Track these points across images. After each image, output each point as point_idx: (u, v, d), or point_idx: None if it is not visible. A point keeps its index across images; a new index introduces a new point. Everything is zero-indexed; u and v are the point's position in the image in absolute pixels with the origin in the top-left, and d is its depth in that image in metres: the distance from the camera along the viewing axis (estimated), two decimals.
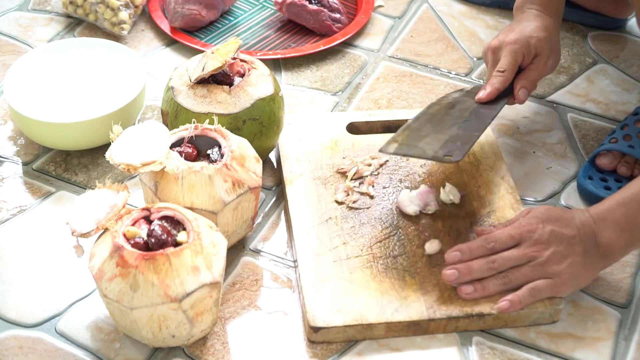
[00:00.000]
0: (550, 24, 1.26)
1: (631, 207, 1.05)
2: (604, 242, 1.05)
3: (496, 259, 1.05)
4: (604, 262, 1.07)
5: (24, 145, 1.30)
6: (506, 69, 1.21)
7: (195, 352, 1.04)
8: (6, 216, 1.19)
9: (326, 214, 1.16)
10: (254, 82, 1.18)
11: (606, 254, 1.06)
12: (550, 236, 1.05)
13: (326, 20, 1.49)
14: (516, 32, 1.23)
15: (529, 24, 1.25)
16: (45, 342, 1.05)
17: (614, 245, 1.05)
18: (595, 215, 1.06)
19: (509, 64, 1.21)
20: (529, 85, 1.23)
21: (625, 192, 1.07)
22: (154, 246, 0.98)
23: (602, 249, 1.05)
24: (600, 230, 1.05)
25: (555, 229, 1.06)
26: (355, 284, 1.07)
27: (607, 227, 1.05)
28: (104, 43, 1.35)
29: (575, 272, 1.05)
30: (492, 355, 1.04)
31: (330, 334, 1.04)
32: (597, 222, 1.06)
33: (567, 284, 1.05)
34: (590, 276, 1.07)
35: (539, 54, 1.23)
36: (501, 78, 1.21)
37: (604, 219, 1.06)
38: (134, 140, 1.06)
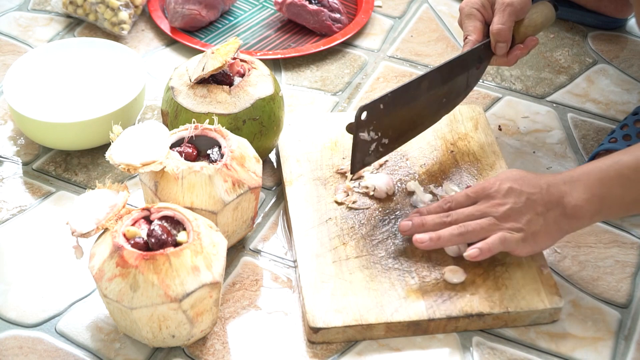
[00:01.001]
0: None
1: (608, 174, 1.03)
2: (572, 202, 1.03)
3: (450, 214, 1.06)
4: (570, 223, 1.04)
5: (24, 145, 1.30)
6: (468, 33, 1.20)
7: (195, 352, 1.04)
8: (6, 216, 1.19)
9: (326, 214, 1.16)
10: (254, 82, 1.18)
11: (572, 215, 1.03)
12: (507, 192, 1.04)
13: (326, 20, 1.49)
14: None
15: None
16: (45, 342, 1.05)
17: (582, 207, 1.03)
18: (568, 176, 1.05)
19: (468, 26, 1.21)
20: (498, 36, 1.19)
21: (605, 160, 1.05)
22: (154, 246, 0.98)
23: (569, 209, 1.03)
24: (570, 190, 1.03)
25: (514, 186, 1.04)
26: (355, 284, 1.07)
27: (578, 188, 1.03)
28: (104, 43, 1.36)
29: (535, 229, 1.04)
30: (492, 355, 1.04)
31: (330, 335, 1.04)
32: (567, 183, 1.04)
33: (527, 241, 1.04)
34: (552, 236, 1.05)
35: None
36: (468, 44, 1.19)
37: (577, 180, 1.04)
38: (134, 140, 1.06)
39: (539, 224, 1.04)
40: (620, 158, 1.04)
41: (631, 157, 1.04)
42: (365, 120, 1.10)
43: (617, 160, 1.04)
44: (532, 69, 1.45)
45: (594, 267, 1.14)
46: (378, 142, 1.14)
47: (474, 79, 1.23)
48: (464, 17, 1.22)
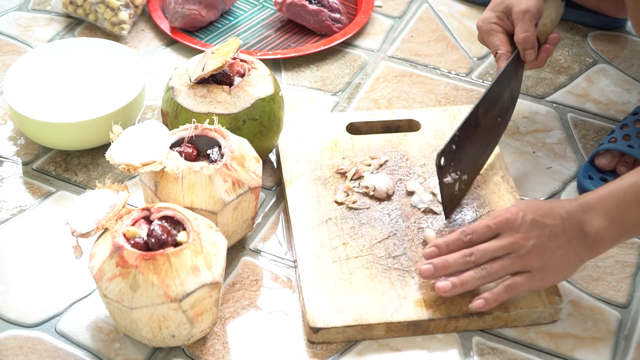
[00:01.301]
0: None
1: (625, 199, 1.01)
2: (592, 231, 1.01)
3: (473, 252, 1.02)
4: (590, 253, 1.03)
5: (24, 145, 1.30)
6: (497, 48, 1.22)
7: (195, 352, 1.04)
8: (6, 216, 1.19)
9: (326, 214, 1.16)
10: (254, 82, 1.18)
11: (593, 245, 1.02)
12: (531, 225, 1.01)
13: (326, 20, 1.49)
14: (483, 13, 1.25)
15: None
16: (45, 342, 1.05)
17: (603, 235, 1.01)
18: (585, 204, 1.02)
19: (496, 41, 1.22)
20: (525, 44, 1.20)
21: (620, 183, 1.03)
22: (154, 246, 0.98)
23: (590, 238, 1.02)
24: (589, 219, 1.01)
25: (537, 218, 1.02)
26: (355, 284, 1.07)
27: (597, 216, 1.01)
28: (104, 43, 1.35)
29: (557, 264, 1.02)
30: (492, 355, 1.04)
31: (330, 335, 1.04)
32: (586, 211, 1.02)
33: (546, 278, 1.02)
34: (574, 268, 1.03)
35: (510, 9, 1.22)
36: (501, 57, 1.21)
37: (594, 208, 1.02)
38: (134, 140, 1.06)
39: (559, 258, 1.02)
40: (637, 180, 1.02)
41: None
42: (444, 165, 1.10)
43: (633, 183, 1.02)
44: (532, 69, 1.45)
45: (594, 267, 1.14)
46: (459, 180, 1.14)
47: (516, 89, 1.24)
48: (485, 35, 1.23)
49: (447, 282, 1.02)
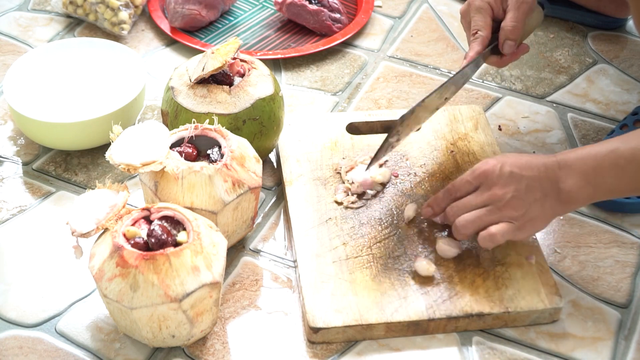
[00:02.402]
0: None
1: (602, 163, 1.03)
2: (566, 188, 1.03)
3: (452, 207, 1.07)
4: (564, 208, 1.06)
5: (24, 145, 1.30)
6: (478, 28, 1.19)
7: (195, 352, 1.04)
8: (6, 216, 1.19)
9: (326, 214, 1.16)
10: (254, 82, 1.18)
11: (567, 201, 1.04)
12: (508, 178, 1.04)
13: (326, 20, 1.49)
14: None
15: None
16: (45, 342, 1.05)
17: (577, 194, 1.04)
18: (563, 161, 1.04)
19: (479, 21, 1.19)
20: (511, 34, 1.19)
21: (599, 147, 1.04)
22: (154, 246, 0.98)
23: (564, 195, 1.04)
24: (565, 176, 1.03)
25: (515, 170, 1.04)
26: (355, 284, 1.07)
27: (572, 175, 1.03)
28: (104, 43, 1.36)
29: (534, 215, 1.04)
30: (492, 355, 1.04)
31: (330, 335, 1.04)
32: (562, 168, 1.04)
33: (524, 229, 1.04)
34: (547, 221, 1.06)
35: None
36: (477, 40, 1.19)
37: (571, 167, 1.04)
38: (134, 140, 1.06)
39: (536, 210, 1.04)
40: (617, 147, 1.03)
41: (627, 147, 1.03)
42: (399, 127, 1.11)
43: (613, 149, 1.03)
44: (532, 69, 1.45)
45: (594, 267, 1.14)
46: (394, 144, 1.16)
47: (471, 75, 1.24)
48: (474, 11, 1.20)
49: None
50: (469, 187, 1.07)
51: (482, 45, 1.19)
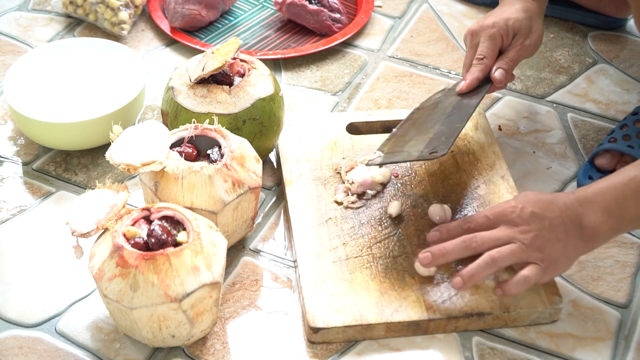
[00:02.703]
0: (532, 6, 1.24)
1: (622, 193, 1.01)
2: (589, 225, 1.01)
3: (475, 236, 1.02)
4: (588, 246, 1.03)
5: (24, 145, 1.30)
6: (485, 55, 1.20)
7: (195, 352, 1.04)
8: (6, 216, 1.19)
9: (326, 214, 1.16)
10: (254, 82, 1.18)
11: (591, 238, 1.02)
12: (530, 218, 1.01)
13: (326, 20, 1.49)
14: (494, 16, 1.23)
15: (508, 7, 1.24)
16: (45, 342, 1.05)
17: (600, 229, 1.01)
18: (582, 197, 1.02)
19: (487, 49, 1.20)
20: (505, 65, 1.21)
21: (617, 177, 1.03)
22: (154, 246, 0.98)
23: (587, 232, 1.02)
24: (586, 212, 1.01)
25: (536, 210, 1.02)
26: (355, 284, 1.07)
27: (594, 210, 1.01)
28: (104, 43, 1.36)
29: (556, 256, 1.02)
30: (492, 355, 1.04)
31: (330, 335, 1.04)
32: (583, 205, 1.02)
33: (549, 270, 1.02)
34: (572, 260, 1.03)
35: (517, 34, 1.22)
36: (480, 66, 1.20)
37: (592, 202, 1.02)
38: (134, 140, 1.06)
39: (559, 251, 1.02)
40: (636, 174, 1.01)
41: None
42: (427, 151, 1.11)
43: (632, 178, 1.01)
44: (532, 69, 1.45)
45: (594, 267, 1.14)
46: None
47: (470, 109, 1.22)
48: (486, 37, 1.21)
49: (459, 279, 1.02)
50: (487, 223, 1.03)
51: (484, 73, 1.20)
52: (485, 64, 1.20)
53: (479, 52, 1.21)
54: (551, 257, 1.02)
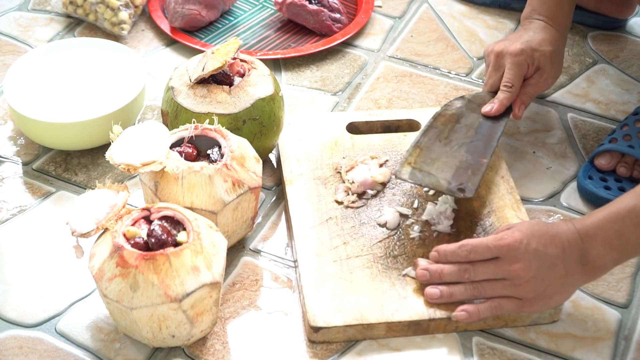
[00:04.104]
0: (557, 37, 1.25)
1: (624, 225, 1.00)
2: (591, 259, 1.01)
3: (468, 269, 1.02)
4: (587, 279, 1.03)
5: (24, 145, 1.30)
6: (514, 84, 1.21)
7: (195, 352, 1.04)
8: (6, 216, 1.19)
9: (326, 213, 1.16)
10: (254, 82, 1.18)
11: (592, 272, 1.02)
12: (533, 255, 1.00)
13: (326, 20, 1.49)
14: (522, 42, 1.23)
15: (535, 35, 1.24)
16: (45, 342, 1.05)
17: (602, 262, 1.01)
18: (583, 231, 1.01)
19: (516, 77, 1.21)
20: (527, 101, 1.23)
21: (616, 207, 1.02)
22: (154, 246, 0.98)
23: (589, 266, 1.01)
24: (589, 247, 1.01)
25: (539, 248, 1.00)
26: (355, 283, 1.07)
27: (596, 244, 1.00)
28: (104, 43, 1.35)
29: (551, 293, 1.02)
30: (492, 355, 1.04)
31: (331, 334, 1.04)
32: (585, 240, 1.01)
33: (536, 305, 1.02)
34: (565, 297, 1.03)
35: (540, 68, 1.23)
36: (508, 94, 1.21)
37: (593, 236, 1.01)
38: (134, 140, 1.06)
39: (556, 287, 1.02)
40: (635, 204, 1.00)
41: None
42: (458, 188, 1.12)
43: (632, 208, 1.00)
44: None
45: None
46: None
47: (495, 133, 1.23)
48: (512, 64, 1.21)
49: (437, 290, 1.04)
50: (488, 254, 1.02)
51: (511, 101, 1.22)
52: (513, 93, 1.22)
53: (508, 79, 1.22)
54: (545, 294, 1.02)
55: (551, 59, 1.24)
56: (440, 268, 1.04)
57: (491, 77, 1.24)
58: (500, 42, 1.25)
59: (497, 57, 1.24)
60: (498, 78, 1.24)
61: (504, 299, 1.02)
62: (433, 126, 1.20)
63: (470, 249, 1.03)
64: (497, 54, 1.24)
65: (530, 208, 1.21)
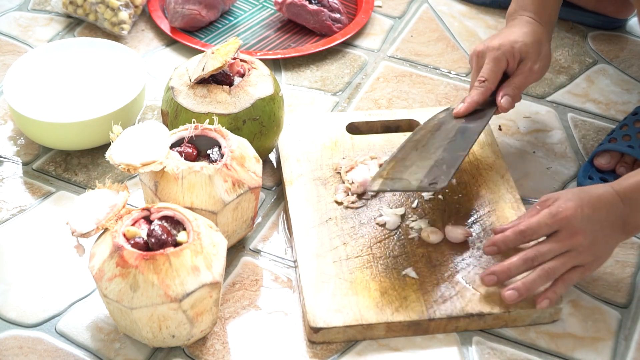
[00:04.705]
0: (540, 30, 1.23)
1: None
2: (632, 222, 1.04)
3: (535, 256, 1.03)
4: (625, 237, 1.07)
5: (24, 145, 1.30)
6: (487, 77, 1.18)
7: (195, 352, 1.04)
8: (6, 216, 1.19)
9: (326, 214, 1.16)
10: (254, 82, 1.18)
11: (631, 230, 1.05)
12: (587, 221, 1.03)
13: (326, 20, 1.49)
14: (501, 37, 1.21)
15: (516, 29, 1.22)
16: (45, 342, 1.05)
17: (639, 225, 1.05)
18: (622, 193, 1.04)
19: (490, 71, 1.18)
20: (512, 92, 1.19)
21: None
22: (154, 246, 0.98)
23: (629, 227, 1.05)
24: (628, 208, 1.04)
25: (590, 213, 1.03)
26: (355, 284, 1.07)
27: (635, 204, 1.04)
28: (104, 43, 1.36)
29: (600, 255, 1.05)
30: (492, 355, 1.04)
31: (331, 334, 1.04)
32: (625, 202, 1.04)
33: (592, 268, 1.05)
34: (609, 255, 1.07)
35: (524, 58, 1.20)
36: (481, 89, 1.18)
37: (632, 197, 1.04)
38: (134, 140, 1.06)
39: (605, 248, 1.05)
40: None
41: None
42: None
43: None
44: None
45: None
46: None
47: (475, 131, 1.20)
48: (490, 59, 1.19)
49: (514, 291, 1.03)
50: (547, 231, 1.03)
51: (484, 96, 1.19)
52: (486, 87, 1.18)
53: (481, 74, 1.19)
54: (598, 258, 1.05)
55: (534, 48, 1.20)
56: (506, 266, 1.04)
57: (473, 79, 1.22)
58: (482, 43, 1.22)
59: (478, 57, 1.21)
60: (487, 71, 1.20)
61: (570, 271, 1.04)
62: (412, 139, 1.18)
63: (530, 232, 1.04)
64: (478, 54, 1.21)
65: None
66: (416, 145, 1.16)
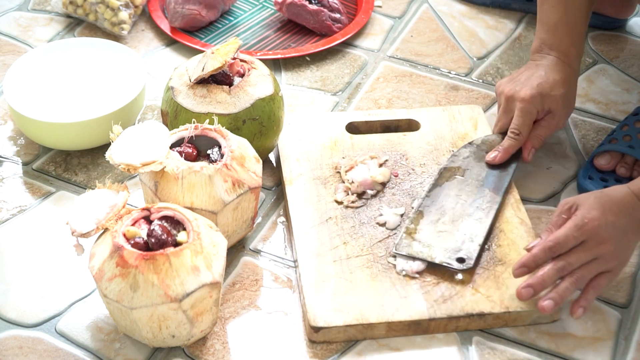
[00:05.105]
0: (570, 75, 1.23)
1: None
2: None
3: (565, 266, 1.03)
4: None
5: (24, 145, 1.30)
6: (521, 131, 1.20)
7: (195, 352, 1.04)
8: (6, 216, 1.19)
9: (326, 213, 1.16)
10: (253, 82, 1.18)
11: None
12: (612, 229, 1.03)
13: (326, 20, 1.49)
14: (532, 87, 1.20)
15: (547, 76, 1.21)
16: (45, 342, 1.05)
17: None
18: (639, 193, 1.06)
19: (524, 125, 1.20)
20: (538, 144, 1.22)
21: None
22: (154, 246, 0.98)
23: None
24: None
25: (614, 219, 1.04)
26: (355, 283, 1.07)
27: None
28: (104, 43, 1.36)
29: (624, 257, 1.06)
30: (492, 355, 1.04)
31: (331, 334, 1.04)
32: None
33: (618, 271, 1.06)
34: (630, 256, 1.07)
35: (552, 111, 1.21)
36: (515, 142, 1.20)
37: None
38: (134, 140, 1.06)
39: (628, 249, 1.06)
40: None
41: None
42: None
43: None
44: None
45: None
46: None
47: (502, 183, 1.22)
48: (522, 112, 1.19)
49: (550, 301, 1.03)
50: (575, 243, 1.04)
51: (516, 148, 1.20)
52: (519, 140, 1.20)
53: (515, 126, 1.20)
54: (622, 262, 1.06)
55: (563, 102, 1.21)
56: (541, 278, 1.04)
57: (501, 119, 1.23)
58: (511, 84, 1.22)
59: (507, 101, 1.22)
60: (508, 121, 1.22)
61: (598, 277, 1.05)
62: (437, 184, 1.18)
63: (559, 248, 1.04)
64: (507, 98, 1.21)
65: (530, 208, 1.21)
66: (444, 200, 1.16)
